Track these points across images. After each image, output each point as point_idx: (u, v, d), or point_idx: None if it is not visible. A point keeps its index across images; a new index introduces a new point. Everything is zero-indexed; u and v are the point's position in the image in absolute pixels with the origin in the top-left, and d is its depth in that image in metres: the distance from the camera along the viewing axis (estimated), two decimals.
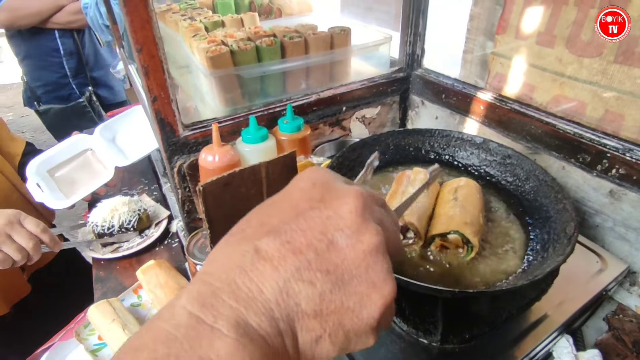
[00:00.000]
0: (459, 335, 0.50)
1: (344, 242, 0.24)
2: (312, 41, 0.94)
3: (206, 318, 0.22)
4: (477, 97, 0.91)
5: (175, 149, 0.81)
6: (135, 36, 0.68)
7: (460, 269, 0.54)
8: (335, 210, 0.25)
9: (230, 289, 0.23)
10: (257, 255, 0.23)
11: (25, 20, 1.84)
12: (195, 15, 1.25)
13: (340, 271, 0.23)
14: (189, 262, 0.73)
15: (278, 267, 0.23)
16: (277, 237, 0.24)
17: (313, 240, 0.24)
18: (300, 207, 0.25)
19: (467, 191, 0.61)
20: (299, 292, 0.23)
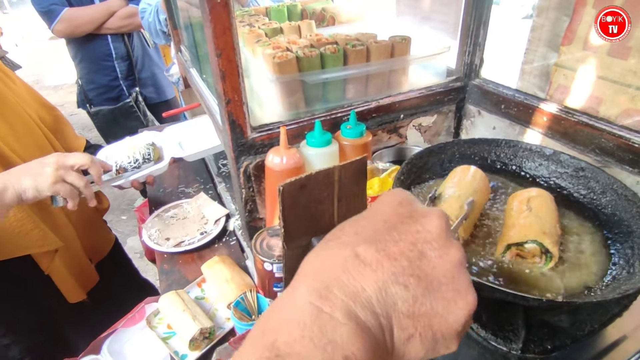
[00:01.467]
0: (541, 345, 0.50)
1: (432, 253, 0.27)
2: (374, 49, 0.96)
3: (324, 308, 0.25)
4: (540, 108, 0.90)
5: (243, 149, 0.84)
6: (216, 42, 0.72)
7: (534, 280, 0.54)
8: (423, 225, 0.29)
9: (338, 284, 0.26)
10: (356, 259, 0.27)
11: (82, 29, 1.95)
12: (253, 21, 1.30)
13: (430, 278, 0.27)
14: (255, 260, 0.76)
15: (376, 270, 0.26)
16: (373, 245, 0.27)
17: (405, 250, 0.27)
18: (391, 221, 0.29)
19: (541, 201, 0.60)
20: (395, 293, 0.26)
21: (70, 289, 1.04)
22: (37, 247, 0.92)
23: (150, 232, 1.00)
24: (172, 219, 1.05)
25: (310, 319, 0.24)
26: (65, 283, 1.04)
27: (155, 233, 1.00)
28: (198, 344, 0.71)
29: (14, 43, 6.24)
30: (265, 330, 0.25)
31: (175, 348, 0.72)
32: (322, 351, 0.23)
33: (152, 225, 1.03)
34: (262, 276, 0.77)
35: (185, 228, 1.03)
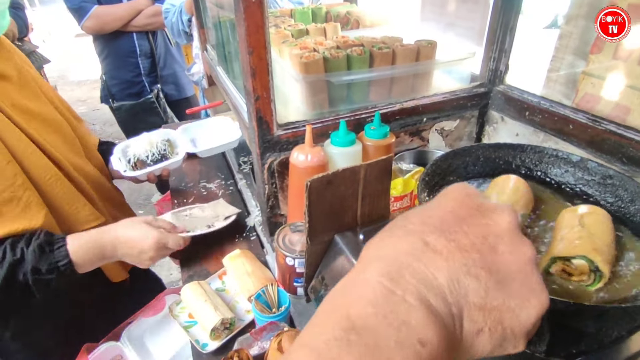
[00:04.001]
0: (566, 349, 0.50)
1: (504, 248, 0.27)
2: (399, 52, 0.97)
3: (397, 290, 0.24)
4: (566, 115, 0.89)
5: (269, 146, 0.86)
6: (249, 40, 0.74)
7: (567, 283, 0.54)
8: (494, 219, 0.28)
9: (409, 270, 0.25)
10: (426, 247, 0.26)
11: (111, 26, 2.01)
12: (279, 22, 1.32)
13: (501, 273, 0.26)
14: (277, 254, 0.77)
15: (448, 260, 0.26)
16: (443, 235, 0.27)
17: (476, 242, 0.26)
18: (460, 213, 0.28)
19: (595, 218, 0.57)
20: (467, 284, 0.25)
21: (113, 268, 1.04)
22: (90, 221, 0.93)
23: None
24: (186, 217, 1.07)
25: (382, 298, 0.24)
26: None
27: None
28: (219, 334, 0.73)
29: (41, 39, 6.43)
30: (338, 305, 0.25)
31: (197, 337, 0.74)
32: (397, 330, 0.22)
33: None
34: (284, 271, 0.78)
35: (194, 222, 1.04)
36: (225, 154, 1.41)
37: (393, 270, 0.25)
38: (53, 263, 0.78)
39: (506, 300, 0.25)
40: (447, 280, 0.25)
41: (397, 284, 0.25)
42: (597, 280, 0.51)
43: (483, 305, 0.25)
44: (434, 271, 0.25)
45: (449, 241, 0.26)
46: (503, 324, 0.25)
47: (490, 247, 0.26)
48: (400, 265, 0.26)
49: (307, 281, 0.76)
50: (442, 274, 0.25)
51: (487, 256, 0.26)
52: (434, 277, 0.25)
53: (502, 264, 0.26)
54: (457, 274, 0.25)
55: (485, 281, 0.25)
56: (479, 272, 0.25)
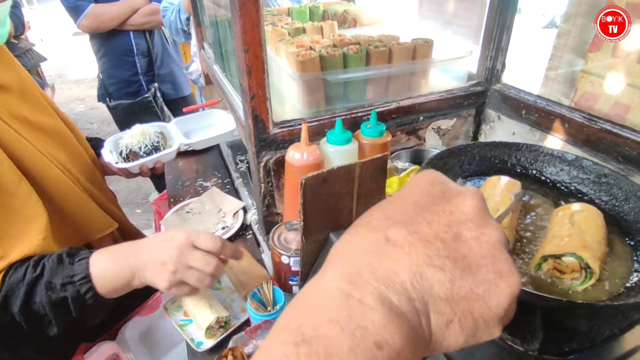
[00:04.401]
0: (559, 347, 0.50)
1: (468, 234, 0.26)
2: (396, 51, 0.97)
3: (354, 293, 0.24)
4: (563, 114, 0.89)
5: (265, 144, 0.85)
6: (244, 37, 0.74)
7: (555, 286, 0.54)
8: (457, 205, 0.27)
9: (369, 270, 0.25)
10: (388, 242, 0.26)
11: (107, 24, 2.01)
12: (276, 21, 1.32)
13: (467, 260, 0.25)
14: (272, 252, 0.77)
15: (409, 253, 0.25)
16: (404, 228, 0.26)
17: (439, 232, 0.26)
18: (422, 203, 0.28)
19: (587, 216, 0.58)
20: (431, 276, 0.24)
21: None
22: (104, 229, 0.91)
23: (170, 227, 1.02)
24: (188, 214, 1.07)
25: (338, 303, 0.23)
26: None
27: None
28: (214, 332, 0.73)
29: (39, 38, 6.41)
30: (292, 315, 0.24)
31: (192, 335, 0.74)
32: (351, 336, 0.22)
33: (170, 222, 1.04)
34: (279, 269, 0.78)
35: (204, 222, 1.04)
36: (222, 152, 1.41)
37: (352, 272, 0.25)
38: (68, 276, 0.68)
39: (474, 288, 0.24)
40: (409, 275, 0.24)
41: (355, 287, 0.24)
42: (588, 277, 0.51)
43: (449, 297, 0.24)
44: (395, 267, 0.25)
45: (410, 233, 0.26)
46: (473, 313, 0.25)
47: (454, 235, 0.26)
48: (360, 265, 0.25)
49: (303, 279, 0.76)
50: (404, 269, 0.24)
51: (451, 244, 0.25)
52: (395, 274, 0.24)
53: (467, 251, 0.25)
54: (420, 267, 0.24)
55: (451, 271, 0.24)
56: (443, 263, 0.25)
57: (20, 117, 0.82)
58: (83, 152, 0.99)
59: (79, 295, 0.68)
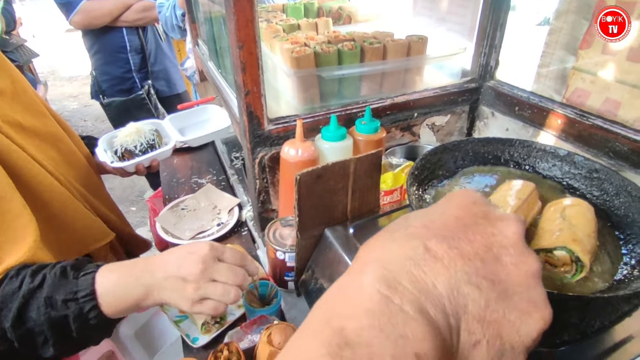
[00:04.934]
0: (550, 339, 0.50)
1: (508, 259, 0.26)
2: (390, 47, 0.97)
3: (394, 299, 0.23)
4: (555, 111, 0.90)
5: (259, 141, 0.86)
6: (238, 34, 0.74)
7: (548, 279, 0.55)
8: (500, 229, 0.27)
9: (408, 277, 0.24)
10: (427, 252, 0.25)
11: (99, 21, 1.99)
12: (271, 17, 1.31)
13: (504, 285, 0.25)
14: (268, 248, 0.78)
15: (449, 267, 0.25)
16: (445, 241, 0.26)
17: (479, 251, 0.25)
18: (464, 220, 0.27)
19: (578, 210, 0.58)
20: (467, 294, 0.24)
21: None
22: (100, 240, 0.89)
23: (165, 225, 1.02)
24: (183, 211, 1.07)
25: (380, 308, 0.23)
26: None
27: (170, 226, 1.01)
28: (209, 327, 0.73)
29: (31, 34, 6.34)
30: (331, 315, 0.24)
31: (187, 331, 0.74)
32: (394, 344, 0.21)
33: (165, 219, 1.04)
34: (274, 265, 0.79)
35: (199, 219, 1.04)
36: (217, 149, 1.41)
37: (390, 276, 0.24)
38: (71, 292, 0.60)
39: (507, 313, 0.24)
40: (446, 289, 0.24)
41: (394, 291, 0.23)
42: (579, 270, 0.52)
43: (482, 317, 0.24)
44: (433, 279, 0.24)
45: (451, 248, 0.25)
46: (502, 338, 0.24)
47: (494, 257, 0.26)
48: (398, 271, 0.25)
49: (298, 275, 0.76)
50: (442, 282, 0.24)
51: (490, 266, 0.25)
52: (434, 286, 0.24)
53: (505, 275, 0.25)
54: (458, 283, 0.24)
55: (487, 292, 0.24)
56: (480, 282, 0.24)
57: (14, 122, 0.80)
58: (79, 155, 0.98)
59: (81, 313, 0.60)
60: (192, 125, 1.28)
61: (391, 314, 0.22)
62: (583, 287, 0.53)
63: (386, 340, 0.21)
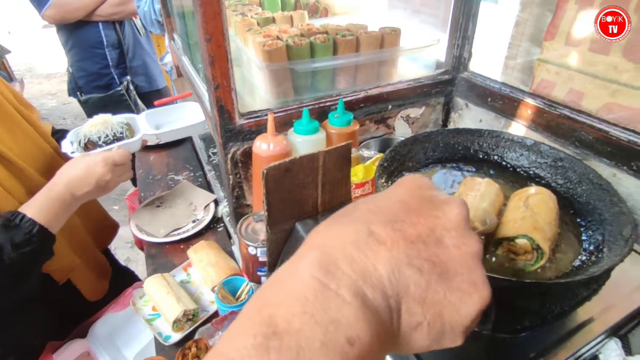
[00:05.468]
0: (511, 326, 0.51)
1: (450, 242, 0.26)
2: (363, 40, 0.97)
3: (330, 284, 0.23)
4: (525, 101, 0.92)
5: (231, 135, 0.85)
6: (206, 27, 0.73)
7: (512, 267, 0.55)
8: (444, 212, 0.27)
9: (348, 260, 0.24)
10: (370, 236, 0.25)
11: (73, 15, 1.93)
12: (246, 11, 1.30)
13: (445, 266, 0.25)
14: (240, 244, 0.77)
15: (391, 249, 0.25)
16: (389, 224, 0.26)
17: (422, 234, 0.26)
18: (410, 204, 0.28)
19: (540, 199, 0.59)
20: (409, 276, 0.24)
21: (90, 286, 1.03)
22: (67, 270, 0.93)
23: (139, 223, 1.00)
24: (158, 208, 1.06)
25: (314, 294, 0.23)
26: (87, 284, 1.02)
27: (144, 224, 1.00)
28: (182, 325, 0.72)
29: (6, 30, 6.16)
30: (263, 304, 0.23)
31: (160, 329, 0.74)
32: (324, 330, 0.21)
33: (140, 217, 1.03)
34: (247, 260, 0.78)
35: (174, 216, 1.03)
36: (195, 145, 1.39)
37: (330, 261, 0.24)
38: (26, 233, 0.76)
39: (447, 294, 0.25)
40: (387, 271, 0.24)
41: (332, 277, 0.23)
42: (539, 258, 0.53)
43: (423, 298, 0.24)
44: (374, 261, 0.24)
45: (394, 231, 0.26)
46: (443, 319, 0.25)
47: (437, 240, 0.26)
48: (339, 255, 0.25)
49: (270, 270, 0.76)
50: (383, 265, 0.24)
51: (432, 248, 0.26)
52: (375, 268, 0.24)
53: (447, 257, 0.26)
54: (400, 265, 0.24)
55: (428, 273, 0.25)
56: (422, 264, 0.25)
57: None
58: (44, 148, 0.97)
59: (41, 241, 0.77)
60: (170, 122, 1.25)
61: (325, 299, 0.22)
62: (544, 273, 0.55)
63: (316, 326, 0.21)
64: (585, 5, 0.81)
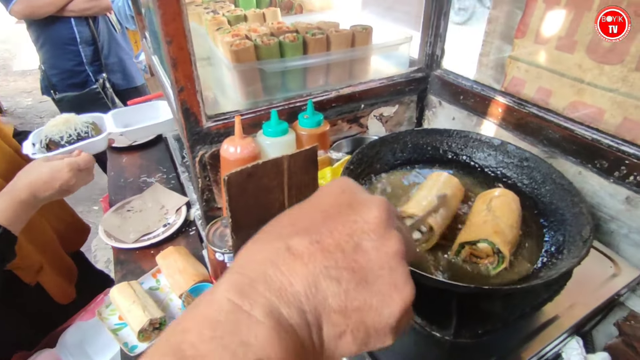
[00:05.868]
0: (472, 330, 0.51)
1: (369, 245, 0.26)
2: (334, 38, 0.96)
3: (244, 305, 0.23)
4: (496, 99, 0.92)
5: (198, 138, 0.83)
6: (166, 28, 0.70)
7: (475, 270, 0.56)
8: (362, 215, 0.27)
9: (264, 280, 0.24)
10: (288, 251, 0.25)
11: (42, 10, 1.87)
12: (218, 8, 1.27)
13: (365, 271, 0.25)
14: (208, 250, 0.76)
15: (307, 264, 0.25)
16: (307, 237, 0.26)
17: (340, 241, 0.26)
18: (329, 212, 0.28)
19: (502, 201, 0.59)
20: (327, 288, 0.24)
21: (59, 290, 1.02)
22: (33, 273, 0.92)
23: (108, 228, 0.98)
24: (129, 212, 1.03)
25: (225, 316, 0.23)
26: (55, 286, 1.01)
27: (113, 229, 0.97)
28: (148, 334, 0.71)
29: None
30: (175, 331, 0.23)
31: (125, 339, 0.72)
32: (232, 353, 0.21)
33: (109, 222, 1.00)
34: (215, 266, 0.77)
35: (145, 220, 1.01)
36: (169, 146, 1.36)
37: (246, 283, 0.24)
38: None
39: (368, 299, 0.25)
40: (304, 286, 0.24)
41: (246, 298, 0.23)
42: (500, 261, 0.53)
43: (343, 308, 0.25)
44: (290, 278, 0.24)
45: (312, 243, 0.25)
46: (366, 324, 0.25)
47: (355, 245, 0.26)
48: (255, 275, 0.24)
49: None
50: (300, 280, 0.24)
51: (350, 255, 0.25)
52: (290, 285, 0.24)
53: (365, 262, 0.25)
54: (316, 279, 0.24)
55: (347, 282, 0.25)
56: (340, 274, 0.25)
57: None
58: None
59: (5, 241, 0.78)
60: (138, 120, 1.21)
61: (237, 321, 0.22)
62: (507, 276, 0.55)
63: (224, 350, 0.21)
64: (552, 4, 0.81)
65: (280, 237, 0.26)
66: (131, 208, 1.05)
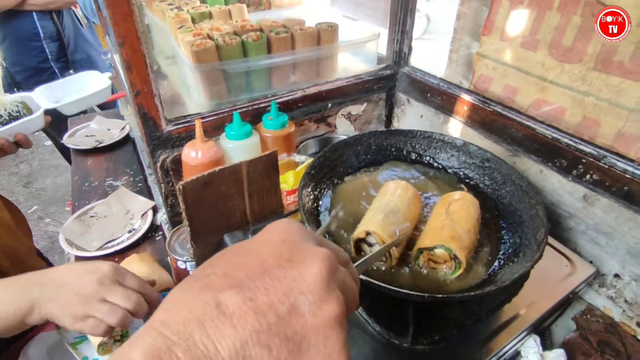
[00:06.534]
0: (429, 337, 0.51)
1: (305, 307, 0.24)
2: (298, 37, 0.94)
3: None
4: (462, 97, 0.92)
5: (159, 143, 0.80)
6: (117, 29, 0.67)
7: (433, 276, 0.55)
8: (301, 272, 0.25)
9: (186, 344, 0.22)
10: (217, 309, 0.23)
11: (1, 4, 1.79)
12: (183, 4, 1.23)
13: (298, 338, 0.24)
14: (170, 257, 0.74)
15: (237, 326, 0.23)
16: (240, 292, 0.24)
17: (275, 301, 0.24)
18: (267, 264, 0.25)
19: (461, 205, 0.59)
20: (255, 356, 0.22)
21: None
22: None
23: (70, 237, 0.94)
24: (92, 218, 1.00)
25: None
26: None
27: (75, 237, 0.94)
28: (108, 347, 0.69)
29: None
30: None
31: (85, 353, 0.70)
32: None
33: (70, 230, 0.96)
34: (178, 274, 0.75)
35: (109, 227, 0.98)
36: (137, 147, 1.32)
37: (165, 347, 0.22)
38: None
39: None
40: (231, 353, 0.22)
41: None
42: (457, 267, 0.53)
43: None
44: (217, 342, 0.22)
45: (244, 301, 0.23)
46: None
47: (291, 307, 0.24)
48: (178, 339, 0.22)
49: None
50: (227, 346, 0.22)
51: (285, 318, 0.23)
52: (216, 351, 0.22)
53: (300, 327, 0.24)
54: (245, 345, 0.22)
55: (278, 350, 0.23)
56: (271, 341, 0.23)
57: None
58: None
59: None
60: (69, 93, 1.16)
61: None
62: (464, 281, 0.55)
63: None
64: (516, 2, 0.81)
65: (211, 288, 0.24)
66: (95, 214, 1.02)
